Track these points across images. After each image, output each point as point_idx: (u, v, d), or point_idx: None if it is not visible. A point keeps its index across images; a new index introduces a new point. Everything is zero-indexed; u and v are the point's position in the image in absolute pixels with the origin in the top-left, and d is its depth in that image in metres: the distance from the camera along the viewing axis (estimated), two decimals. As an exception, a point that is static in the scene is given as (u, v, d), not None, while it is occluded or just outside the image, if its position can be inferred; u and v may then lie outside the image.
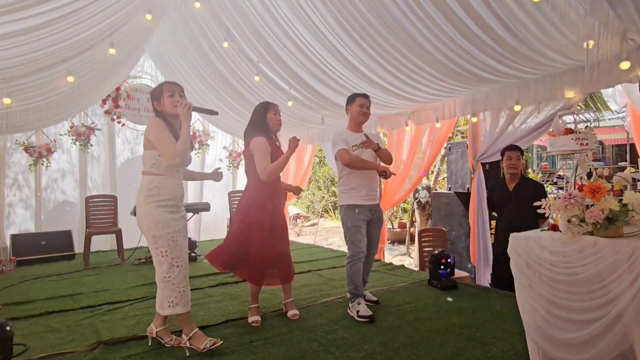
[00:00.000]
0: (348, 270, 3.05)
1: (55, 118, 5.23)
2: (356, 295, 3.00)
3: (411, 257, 7.43)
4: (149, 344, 2.50)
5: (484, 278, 4.33)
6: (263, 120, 2.92)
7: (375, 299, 3.29)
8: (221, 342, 2.37)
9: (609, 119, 8.04)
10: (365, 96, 3.19)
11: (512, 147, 3.55)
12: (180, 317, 2.41)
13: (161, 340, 2.48)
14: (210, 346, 2.31)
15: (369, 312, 2.90)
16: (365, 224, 3.08)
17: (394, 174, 3.17)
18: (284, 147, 2.88)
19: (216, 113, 2.63)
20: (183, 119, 2.31)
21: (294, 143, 2.76)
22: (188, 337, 2.37)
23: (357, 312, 2.92)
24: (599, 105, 6.77)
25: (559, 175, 8.81)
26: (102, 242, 5.96)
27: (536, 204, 1.87)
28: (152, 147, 2.37)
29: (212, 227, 7.08)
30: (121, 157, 6.45)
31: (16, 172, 5.47)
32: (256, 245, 2.81)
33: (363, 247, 3.04)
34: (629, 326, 1.53)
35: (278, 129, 2.96)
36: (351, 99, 3.20)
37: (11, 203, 5.41)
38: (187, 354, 2.34)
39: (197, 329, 2.43)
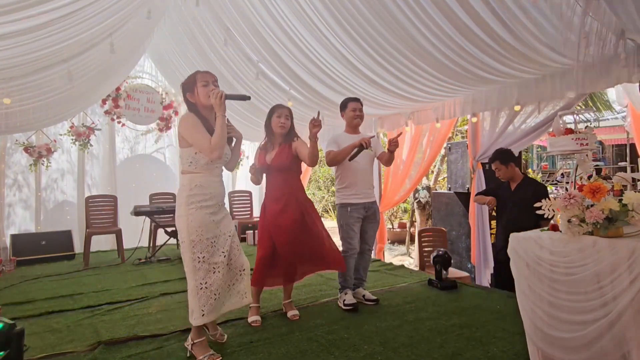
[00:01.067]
0: None
1: (55, 118, 5.23)
2: (344, 287, 3.23)
3: (411, 257, 7.43)
4: (188, 355, 2.36)
5: (484, 278, 4.33)
6: (269, 124, 3.00)
7: (375, 298, 3.29)
8: (220, 357, 2.27)
9: (609, 119, 8.05)
10: (356, 100, 3.36)
11: (491, 159, 3.59)
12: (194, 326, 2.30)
13: (207, 331, 2.45)
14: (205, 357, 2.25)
15: (352, 301, 3.14)
16: (358, 222, 3.22)
17: (396, 146, 3.10)
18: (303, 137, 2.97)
19: (249, 98, 2.48)
20: (217, 109, 2.18)
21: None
22: (192, 342, 2.31)
23: (344, 301, 3.14)
24: (599, 105, 6.78)
25: (562, 174, 8.80)
26: (102, 242, 5.97)
27: (537, 204, 1.87)
28: (188, 144, 2.24)
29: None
30: (121, 157, 6.45)
31: (16, 172, 5.47)
32: (259, 246, 2.95)
33: (355, 244, 3.20)
34: (627, 329, 1.53)
35: (280, 132, 2.95)
36: (344, 105, 3.37)
37: (11, 203, 5.41)
38: (187, 355, 2.34)
39: (204, 338, 2.33)
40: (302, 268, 3.04)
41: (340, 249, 3.19)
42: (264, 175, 3.03)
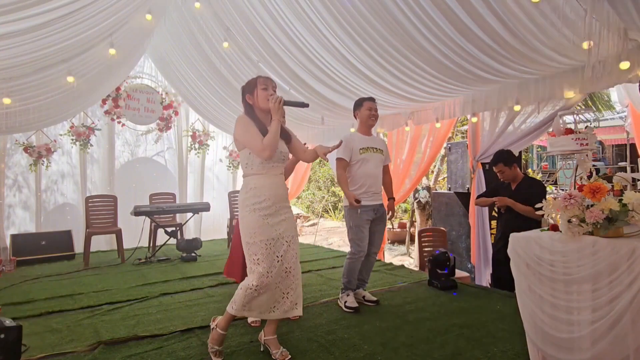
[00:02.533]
0: (347, 266, 3.21)
1: (55, 118, 5.23)
2: (347, 288, 3.21)
3: (411, 257, 7.43)
4: (261, 349, 2.41)
5: (484, 278, 4.33)
6: None
7: (375, 299, 3.29)
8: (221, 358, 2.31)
9: (609, 119, 8.05)
10: (372, 99, 3.33)
11: (491, 163, 3.56)
12: (229, 314, 2.26)
13: (269, 349, 2.35)
14: (210, 349, 2.28)
15: (354, 304, 3.11)
16: (367, 224, 3.18)
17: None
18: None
19: (307, 105, 2.47)
20: (274, 113, 2.22)
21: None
22: (216, 328, 2.30)
23: (345, 302, 3.12)
24: (599, 105, 6.78)
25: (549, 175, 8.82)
26: (102, 242, 5.97)
27: (537, 205, 1.87)
28: (242, 146, 2.29)
29: (212, 227, 7.08)
30: (121, 158, 6.45)
31: (16, 173, 5.47)
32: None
33: (364, 246, 3.16)
34: (627, 329, 1.53)
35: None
36: (359, 104, 3.32)
37: (11, 204, 5.41)
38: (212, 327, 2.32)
39: (225, 333, 2.32)
40: None
41: (349, 250, 3.21)
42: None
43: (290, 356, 2.30)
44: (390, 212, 3.38)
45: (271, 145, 2.19)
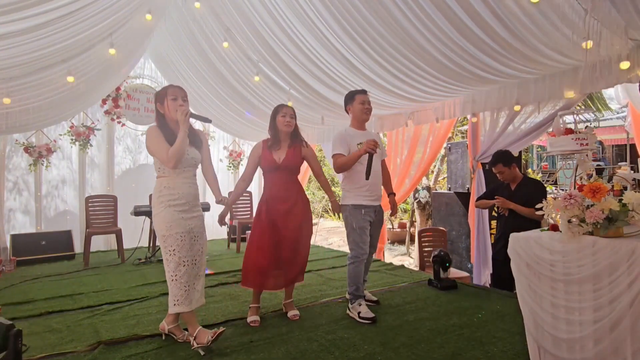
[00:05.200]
0: (351, 271, 3.01)
1: (55, 118, 5.23)
2: (357, 297, 2.98)
3: (411, 257, 7.43)
4: (163, 338, 2.58)
5: (484, 278, 4.33)
6: (274, 124, 2.97)
7: (375, 299, 3.29)
8: (223, 329, 2.42)
9: (609, 119, 8.05)
10: (364, 92, 3.14)
11: (492, 163, 3.54)
12: (183, 316, 2.47)
13: (174, 337, 2.56)
14: (212, 337, 2.32)
15: (370, 314, 2.87)
16: (369, 225, 3.06)
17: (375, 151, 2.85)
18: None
19: (210, 121, 2.84)
20: (181, 124, 2.40)
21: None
22: (194, 338, 2.39)
23: (359, 313, 2.89)
24: (599, 105, 6.77)
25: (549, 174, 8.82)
26: (102, 242, 5.97)
27: (537, 206, 1.86)
28: (153, 155, 2.50)
29: (212, 227, 7.06)
30: (122, 164, 6.45)
31: (16, 175, 5.47)
32: (254, 247, 2.92)
33: (367, 248, 3.02)
34: (628, 330, 1.53)
35: (286, 130, 2.94)
36: (350, 97, 3.15)
37: (11, 207, 5.41)
38: (202, 354, 2.34)
39: (200, 327, 2.45)
40: (295, 271, 3.01)
41: (350, 254, 3.05)
42: (264, 175, 3.02)
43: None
44: (392, 208, 3.28)
45: (175, 157, 2.38)
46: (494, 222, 4.48)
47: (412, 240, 7.76)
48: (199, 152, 2.61)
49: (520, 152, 4.55)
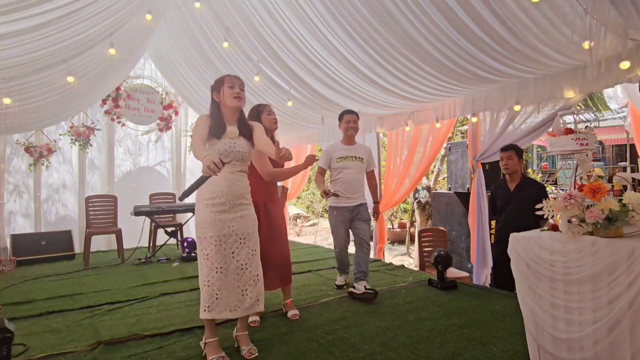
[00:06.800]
0: (335, 257, 3.78)
1: (55, 118, 5.23)
2: (338, 271, 3.82)
3: (411, 257, 7.43)
4: (235, 345, 2.43)
5: (484, 278, 4.33)
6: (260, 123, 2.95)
7: (375, 290, 3.31)
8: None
9: (609, 119, 8.05)
10: (351, 112, 3.68)
11: (504, 148, 3.59)
12: (205, 320, 2.30)
13: (238, 344, 2.41)
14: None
15: (340, 283, 3.75)
16: (343, 224, 3.57)
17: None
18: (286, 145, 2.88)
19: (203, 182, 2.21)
20: (202, 162, 2.01)
21: (310, 161, 2.57)
22: (204, 343, 2.34)
23: (365, 286, 3.31)
24: (599, 105, 6.77)
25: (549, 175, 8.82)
26: (102, 242, 5.97)
27: (538, 206, 1.86)
28: None
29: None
30: (123, 166, 6.46)
31: (17, 178, 5.47)
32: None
33: (341, 241, 3.63)
34: (628, 330, 1.53)
35: (274, 128, 2.97)
36: (340, 117, 3.68)
37: (12, 210, 5.41)
38: (203, 354, 2.33)
39: (217, 338, 2.34)
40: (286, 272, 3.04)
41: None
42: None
43: (257, 354, 2.33)
44: (374, 214, 3.82)
45: (195, 156, 2.12)
46: (493, 222, 4.47)
47: (412, 240, 7.76)
48: (249, 144, 2.34)
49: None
